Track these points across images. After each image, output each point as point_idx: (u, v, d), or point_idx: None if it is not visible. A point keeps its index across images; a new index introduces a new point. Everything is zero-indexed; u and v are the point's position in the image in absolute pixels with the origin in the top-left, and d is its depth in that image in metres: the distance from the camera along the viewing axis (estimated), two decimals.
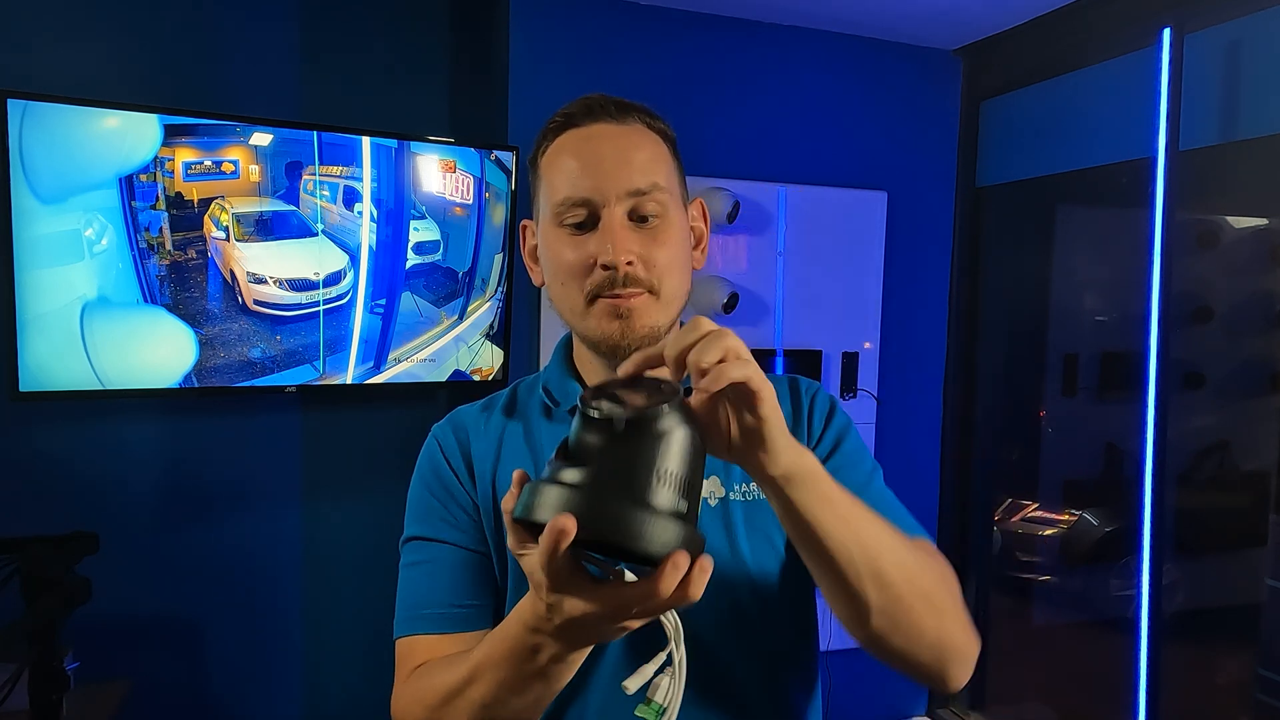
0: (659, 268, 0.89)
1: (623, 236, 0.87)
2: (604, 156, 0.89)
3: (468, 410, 1.02)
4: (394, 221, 2.32)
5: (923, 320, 3.01)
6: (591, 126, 0.92)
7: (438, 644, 0.89)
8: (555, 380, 0.99)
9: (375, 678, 2.62)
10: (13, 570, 1.29)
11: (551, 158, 0.93)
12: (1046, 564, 3.01)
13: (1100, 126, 2.61)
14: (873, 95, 2.87)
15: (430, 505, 0.96)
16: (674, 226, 0.91)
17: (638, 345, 0.89)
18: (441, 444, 0.99)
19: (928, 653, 0.79)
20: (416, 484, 0.99)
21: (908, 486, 3.01)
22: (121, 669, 2.22)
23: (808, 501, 0.71)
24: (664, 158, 0.93)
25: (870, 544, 0.73)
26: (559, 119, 0.94)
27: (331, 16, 2.48)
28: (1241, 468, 2.44)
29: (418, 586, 0.94)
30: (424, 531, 0.96)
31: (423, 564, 0.95)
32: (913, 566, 0.76)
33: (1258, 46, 2.18)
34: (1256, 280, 2.41)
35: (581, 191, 0.88)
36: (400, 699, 0.88)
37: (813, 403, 0.99)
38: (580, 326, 0.92)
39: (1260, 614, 2.31)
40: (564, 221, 0.90)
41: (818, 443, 0.96)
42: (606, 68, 2.53)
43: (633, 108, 0.94)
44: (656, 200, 0.89)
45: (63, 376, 2.04)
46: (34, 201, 1.97)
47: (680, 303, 0.93)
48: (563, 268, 0.90)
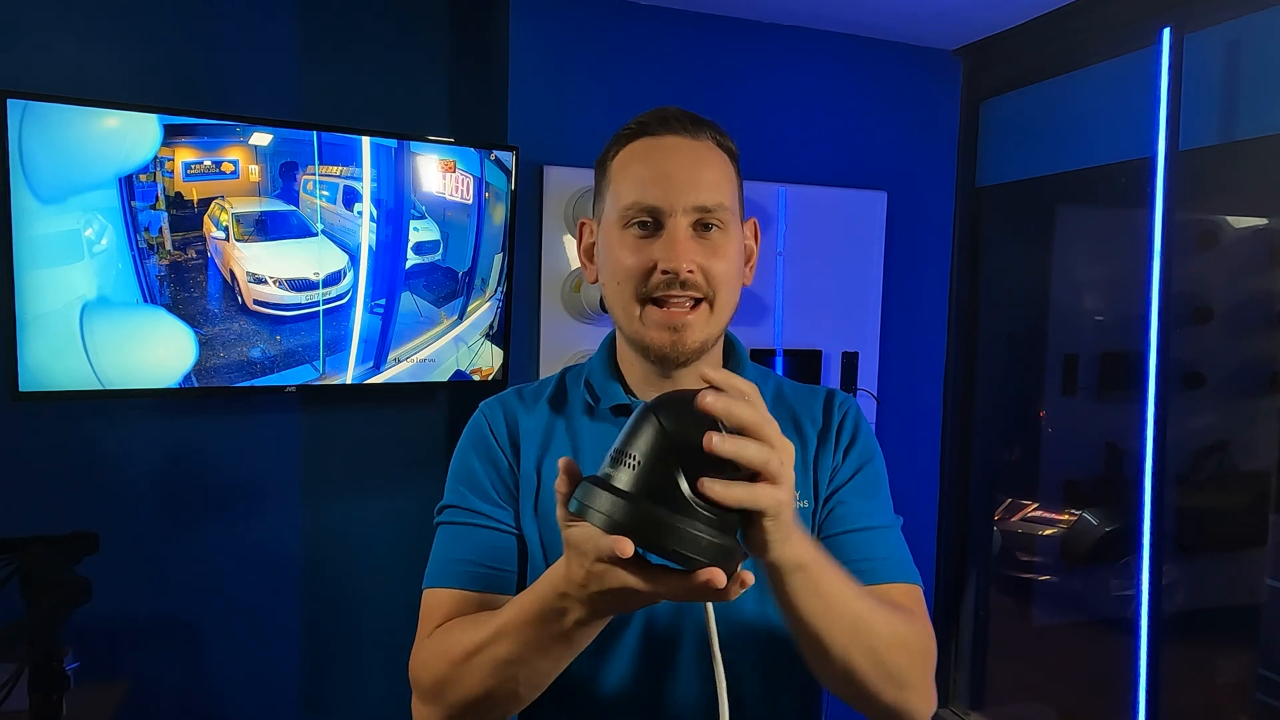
0: (716, 279, 0.93)
1: (686, 246, 0.91)
2: (675, 169, 0.93)
3: (515, 393, 1.06)
4: (394, 221, 2.32)
5: (923, 320, 3.01)
6: (665, 138, 0.95)
7: (463, 600, 0.92)
8: (598, 378, 1.03)
9: (375, 677, 2.62)
10: (13, 570, 1.29)
11: (623, 162, 0.96)
12: (1046, 564, 3.01)
13: (1100, 126, 2.61)
14: (873, 95, 2.87)
15: (474, 477, 0.99)
16: (733, 242, 0.96)
17: (687, 358, 0.94)
18: (490, 421, 1.02)
19: (882, 715, 0.84)
20: (463, 453, 1.02)
21: (908, 486, 3.03)
22: (121, 669, 2.22)
23: (794, 588, 0.74)
24: (730, 177, 0.97)
25: (844, 633, 0.77)
26: (633, 126, 0.97)
27: (331, 16, 2.48)
28: (1241, 468, 2.44)
29: (450, 544, 0.97)
30: (463, 502, 0.98)
31: (458, 525, 0.98)
32: (884, 648, 0.80)
33: (1258, 46, 2.18)
34: (1256, 280, 2.41)
35: (650, 199, 0.92)
36: (421, 652, 0.91)
37: (842, 422, 1.03)
38: (630, 329, 0.96)
39: (1260, 614, 2.31)
40: (629, 224, 0.93)
41: (838, 467, 1.00)
42: (606, 68, 2.52)
43: (705, 124, 0.98)
44: (720, 217, 0.93)
45: (62, 376, 2.04)
46: (34, 201, 1.97)
47: (730, 315, 0.97)
48: (620, 269, 0.94)
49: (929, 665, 0.88)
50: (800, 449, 0.99)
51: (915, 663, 0.84)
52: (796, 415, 1.03)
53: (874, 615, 0.80)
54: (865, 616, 0.79)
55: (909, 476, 3.01)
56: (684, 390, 0.68)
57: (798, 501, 0.95)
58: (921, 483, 3.04)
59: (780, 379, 1.09)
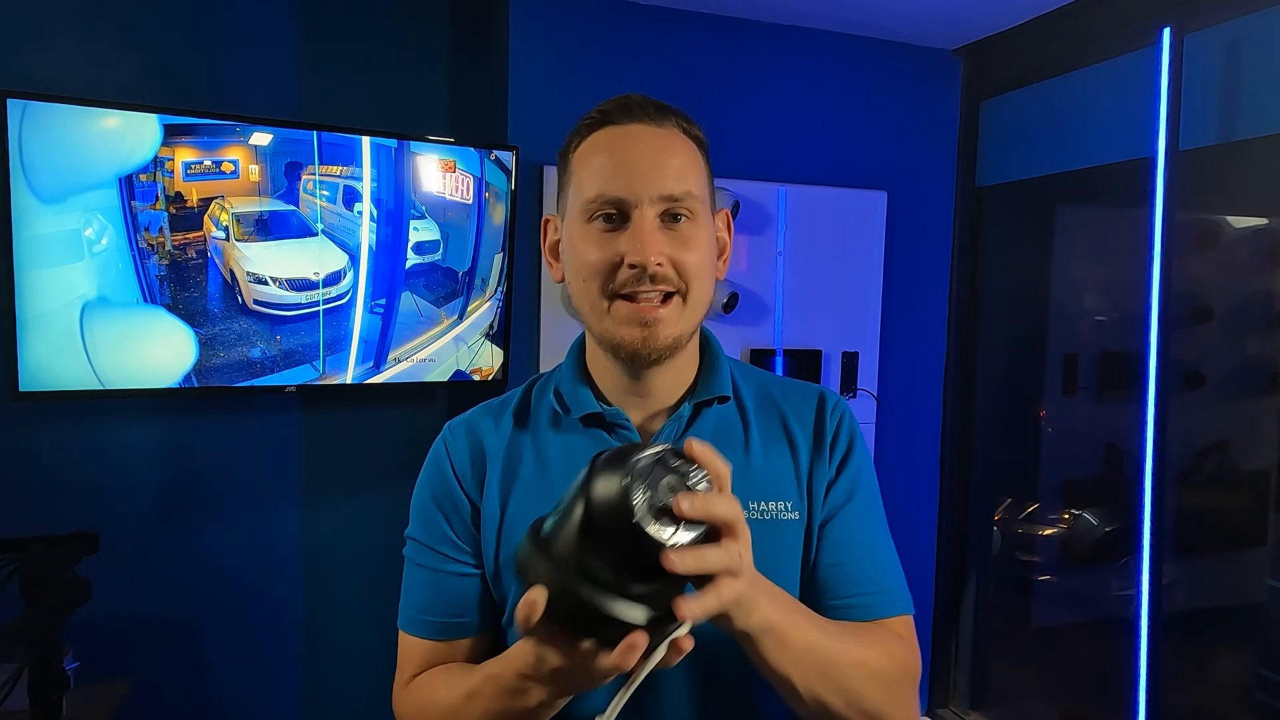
0: (687, 271, 0.88)
1: (654, 237, 0.86)
2: (640, 157, 0.88)
3: (481, 411, 1.01)
4: (394, 221, 2.32)
5: (923, 320, 3.01)
6: (628, 126, 0.90)
7: (432, 650, 0.95)
8: (567, 385, 0.98)
9: (375, 677, 2.61)
10: (13, 570, 1.29)
11: (585, 154, 0.91)
12: (1046, 564, 3.01)
13: (1100, 126, 2.61)
14: (873, 95, 2.87)
15: (434, 516, 0.96)
16: (704, 232, 0.91)
17: (658, 355, 0.89)
18: (450, 450, 0.97)
19: None
20: (423, 487, 0.99)
21: (908, 486, 3.03)
22: (121, 669, 2.22)
23: (764, 648, 0.75)
24: (698, 164, 0.92)
25: (815, 678, 0.78)
26: (595, 115, 0.92)
27: (331, 16, 2.48)
28: (1241, 467, 2.44)
29: (419, 590, 0.97)
30: (426, 540, 0.96)
31: (424, 569, 0.96)
32: (857, 685, 0.81)
33: (1258, 46, 2.18)
34: (1256, 280, 2.41)
35: (614, 190, 0.87)
36: (404, 704, 0.93)
37: (837, 432, 0.98)
38: (599, 328, 0.91)
39: (1260, 614, 2.31)
40: (593, 218, 0.88)
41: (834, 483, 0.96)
42: (606, 68, 2.52)
43: (670, 111, 0.93)
44: (688, 206, 0.89)
45: (62, 376, 2.04)
46: (34, 201, 1.97)
47: (704, 310, 0.92)
48: (586, 265, 0.89)
49: (906, 691, 0.88)
50: (790, 456, 0.96)
51: (890, 693, 0.85)
52: (785, 417, 0.98)
53: (846, 656, 0.81)
54: (837, 660, 0.80)
55: (909, 476, 3.01)
56: (629, 447, 0.64)
57: (788, 513, 0.93)
58: (921, 483, 3.04)
59: (767, 376, 1.04)
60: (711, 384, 0.96)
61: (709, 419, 0.95)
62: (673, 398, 0.96)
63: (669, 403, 0.96)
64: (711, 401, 0.96)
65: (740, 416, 0.97)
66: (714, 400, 0.96)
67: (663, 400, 0.95)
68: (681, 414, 0.94)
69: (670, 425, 0.94)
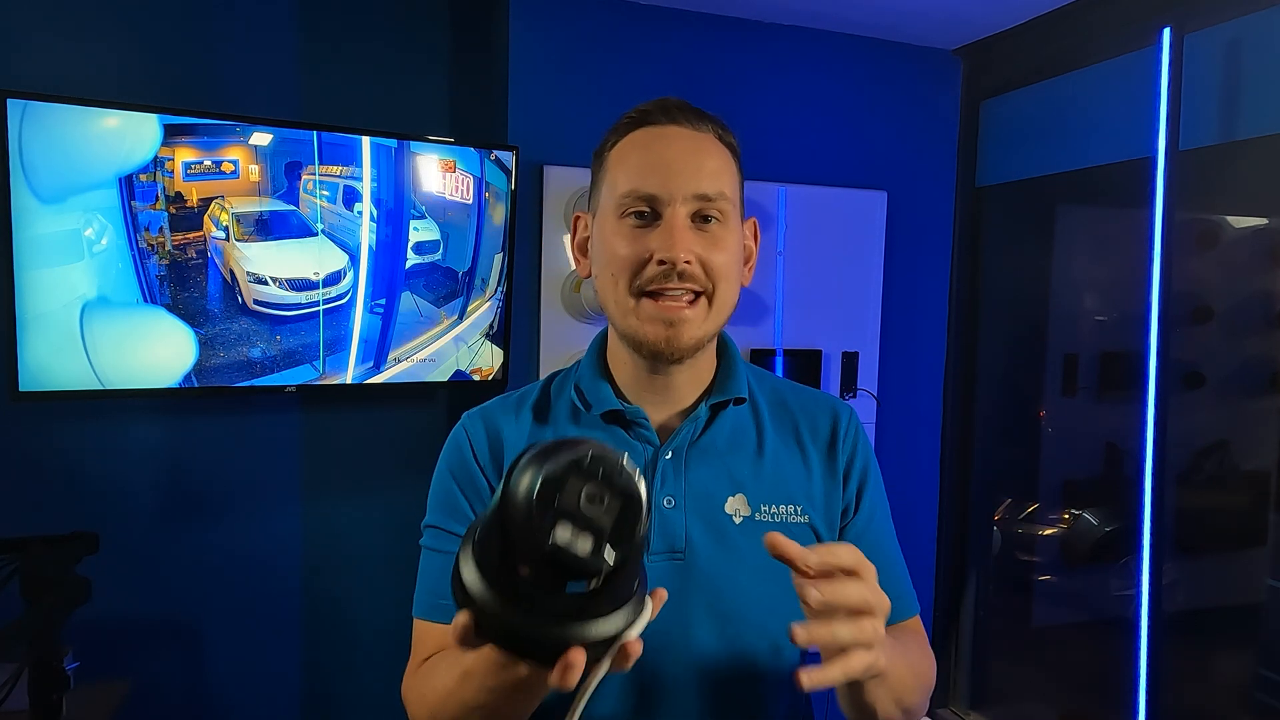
0: (715, 271, 0.89)
1: (684, 235, 0.88)
2: (675, 157, 0.90)
3: (499, 404, 1.02)
4: (394, 221, 2.32)
5: (923, 320, 3.01)
6: (666, 127, 0.92)
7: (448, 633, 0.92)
8: (587, 380, 0.98)
9: (375, 677, 2.61)
10: (13, 570, 1.29)
11: (622, 152, 0.93)
12: (1046, 564, 3.01)
13: (1100, 126, 2.61)
14: (873, 95, 2.87)
15: (453, 499, 0.96)
16: (733, 235, 0.92)
17: (680, 354, 0.91)
18: (470, 436, 0.98)
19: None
20: (442, 472, 0.99)
21: (908, 486, 3.03)
22: (121, 669, 2.22)
23: (869, 689, 0.79)
24: (731, 170, 0.94)
25: (891, 701, 0.83)
26: (634, 115, 0.94)
27: (331, 16, 2.48)
28: (1241, 467, 2.44)
29: (434, 575, 0.96)
30: (445, 524, 0.96)
31: (443, 554, 0.96)
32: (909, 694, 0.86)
33: (1258, 46, 2.18)
34: (1256, 280, 2.41)
35: (648, 187, 0.89)
36: (410, 690, 0.92)
37: (852, 457, 1.00)
38: (623, 324, 0.92)
39: (1260, 614, 2.31)
40: (625, 214, 0.90)
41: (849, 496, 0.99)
42: (606, 68, 2.52)
43: (708, 117, 0.95)
44: (720, 208, 0.90)
45: (63, 376, 2.04)
46: (34, 201, 1.97)
47: (728, 313, 0.94)
48: (615, 260, 0.90)
49: (931, 682, 0.95)
50: (802, 462, 0.98)
51: (927, 692, 0.92)
52: (798, 424, 1.00)
53: (913, 672, 0.87)
54: (908, 680, 0.84)
55: (909, 476, 3.01)
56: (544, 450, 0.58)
57: (796, 516, 0.94)
58: (921, 483, 3.04)
59: (780, 381, 1.06)
60: (729, 385, 0.98)
61: (725, 420, 0.97)
62: (691, 398, 0.98)
63: (687, 402, 0.97)
64: (728, 403, 0.97)
65: (754, 419, 0.99)
66: (730, 401, 0.97)
67: (681, 400, 0.97)
68: (699, 415, 0.96)
69: (687, 426, 0.95)
